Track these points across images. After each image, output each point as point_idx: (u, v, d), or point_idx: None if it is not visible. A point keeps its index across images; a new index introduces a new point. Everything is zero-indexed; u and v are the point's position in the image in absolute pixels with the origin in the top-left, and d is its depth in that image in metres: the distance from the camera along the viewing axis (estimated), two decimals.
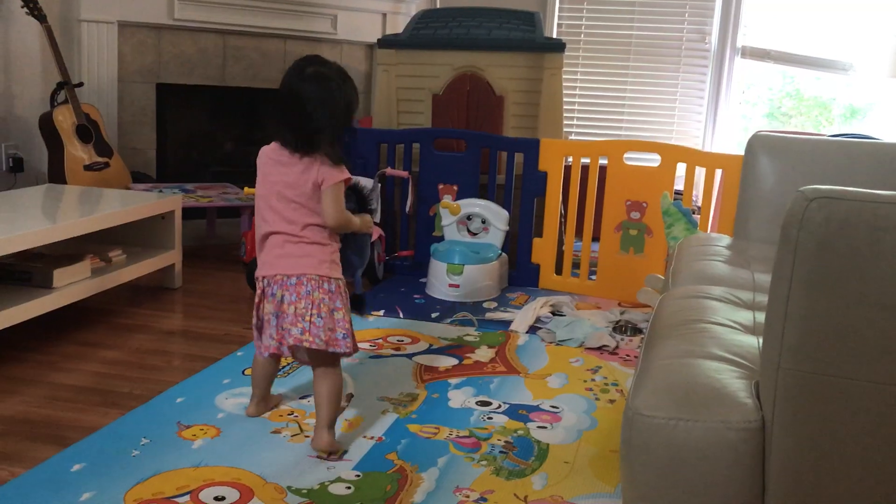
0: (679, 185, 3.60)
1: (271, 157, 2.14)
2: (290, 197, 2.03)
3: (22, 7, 3.69)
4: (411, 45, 3.95)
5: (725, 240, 2.69)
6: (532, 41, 3.86)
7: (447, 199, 3.70)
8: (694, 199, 3.84)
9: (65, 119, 3.74)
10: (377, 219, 3.67)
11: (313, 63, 2.10)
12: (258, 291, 2.05)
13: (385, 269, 3.77)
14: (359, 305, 2.28)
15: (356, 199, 2.17)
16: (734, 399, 1.24)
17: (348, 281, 2.11)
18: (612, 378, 2.60)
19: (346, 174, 2.01)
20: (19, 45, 3.91)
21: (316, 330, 1.95)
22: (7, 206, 2.93)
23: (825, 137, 3.39)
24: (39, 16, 3.71)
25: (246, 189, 3.78)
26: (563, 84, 3.95)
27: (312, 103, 2.01)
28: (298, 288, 1.98)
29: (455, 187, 3.75)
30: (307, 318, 1.96)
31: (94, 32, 4.06)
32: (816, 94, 5.40)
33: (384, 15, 4.94)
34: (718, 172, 3.49)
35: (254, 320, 2.07)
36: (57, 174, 3.73)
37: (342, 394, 2.13)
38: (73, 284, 2.76)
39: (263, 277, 2.05)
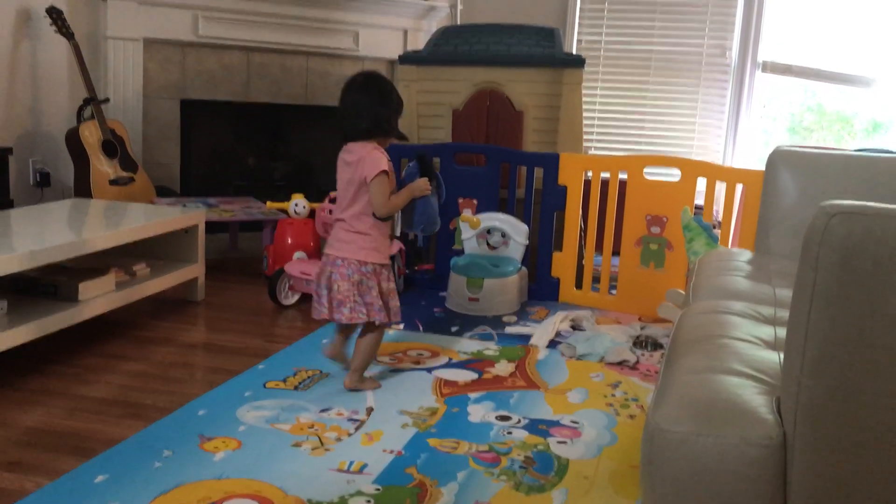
0: (699, 200, 3.59)
1: (341, 157, 2.56)
2: (347, 191, 2.47)
3: (51, 25, 3.76)
4: (432, 61, 3.98)
5: (746, 255, 2.68)
6: (552, 57, 3.88)
7: (467, 213, 3.71)
8: (714, 213, 3.82)
9: (91, 134, 3.80)
10: (397, 232, 3.68)
11: (362, 76, 2.59)
12: (321, 264, 2.50)
13: (405, 282, 3.78)
14: (416, 260, 2.67)
15: (420, 168, 2.58)
16: (755, 415, 1.24)
17: (413, 237, 2.63)
18: (633, 393, 2.59)
19: (383, 166, 2.41)
20: (47, 62, 3.98)
21: (359, 308, 2.42)
22: (34, 220, 2.97)
23: (847, 152, 3.37)
24: (67, 33, 3.78)
25: (268, 203, 3.82)
26: (583, 99, 3.96)
27: (353, 108, 2.53)
28: (342, 269, 2.42)
29: (475, 201, 3.76)
30: (351, 298, 2.41)
31: (120, 49, 4.13)
32: (838, 109, 5.37)
33: (405, 31, 4.98)
34: (739, 187, 3.48)
35: (314, 286, 2.52)
36: (83, 188, 3.78)
37: (375, 351, 2.57)
38: (97, 297, 2.79)
39: (326, 254, 2.48)
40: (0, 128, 3.77)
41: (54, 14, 3.76)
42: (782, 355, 1.25)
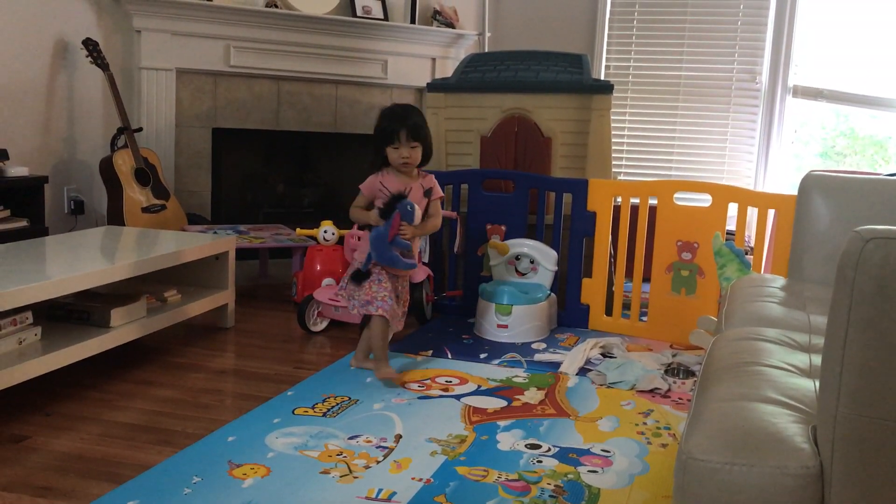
0: (731, 226, 3.55)
1: None
2: None
3: (86, 56, 3.84)
4: (460, 88, 4.00)
5: (780, 281, 2.64)
6: (580, 83, 3.88)
7: (495, 239, 3.71)
8: (746, 239, 3.79)
9: (124, 163, 3.86)
10: (426, 259, 3.69)
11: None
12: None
13: (433, 308, 3.78)
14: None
15: (385, 203, 2.86)
16: (791, 444, 1.21)
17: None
18: (665, 421, 2.55)
19: (363, 186, 2.96)
20: (83, 92, 4.07)
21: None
22: (67, 248, 3.02)
23: (881, 177, 3.33)
24: (102, 64, 3.86)
25: (298, 230, 3.85)
26: (612, 125, 3.95)
27: None
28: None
29: (503, 227, 3.75)
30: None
31: (153, 79, 4.21)
32: (871, 133, 5.31)
33: (433, 59, 5.02)
34: (771, 212, 3.44)
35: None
36: (116, 216, 3.84)
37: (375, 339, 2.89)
38: (129, 323, 2.82)
39: None
40: (36, 156, 3.84)
41: (90, 46, 3.84)
42: (818, 383, 1.22)
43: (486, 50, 5.17)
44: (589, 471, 2.17)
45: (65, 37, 3.94)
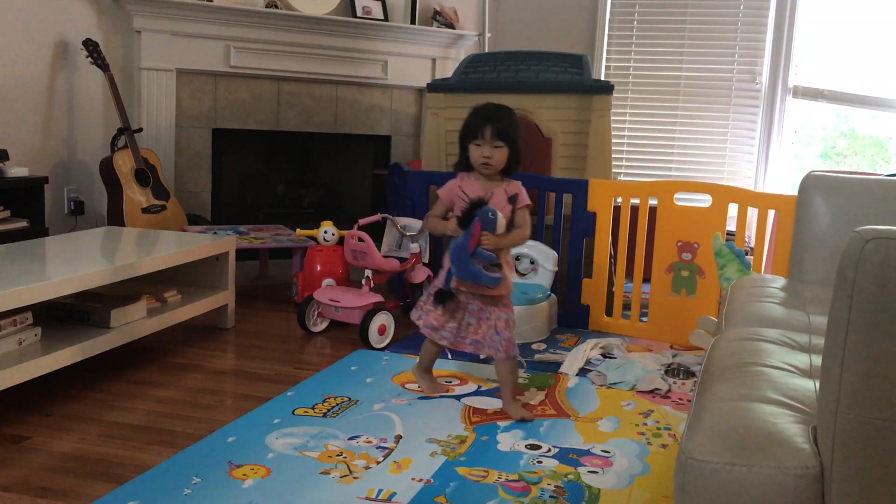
0: (731, 226, 3.55)
1: None
2: None
3: (86, 57, 3.84)
4: (460, 88, 4.00)
5: (780, 281, 2.64)
6: (580, 83, 3.88)
7: None
8: (746, 239, 3.78)
9: (124, 163, 3.86)
10: (426, 259, 3.69)
11: None
12: None
13: None
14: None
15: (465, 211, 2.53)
16: (791, 444, 1.21)
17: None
18: (665, 422, 2.55)
19: (439, 190, 2.67)
20: (83, 92, 4.07)
21: None
22: (67, 248, 3.02)
23: (881, 177, 3.33)
24: (103, 65, 3.86)
25: (298, 231, 3.85)
26: (612, 125, 3.95)
27: None
28: None
29: None
30: None
31: (153, 80, 4.21)
32: (872, 133, 5.30)
33: (433, 60, 5.02)
34: (771, 213, 3.44)
35: None
36: (116, 217, 3.83)
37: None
38: (129, 324, 2.82)
39: None
40: (36, 157, 3.84)
41: (90, 46, 3.84)
42: (818, 383, 1.22)
43: (487, 50, 5.17)
44: (589, 471, 2.17)
45: (65, 37, 3.94)
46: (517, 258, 3.62)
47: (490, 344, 2.60)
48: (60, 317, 2.77)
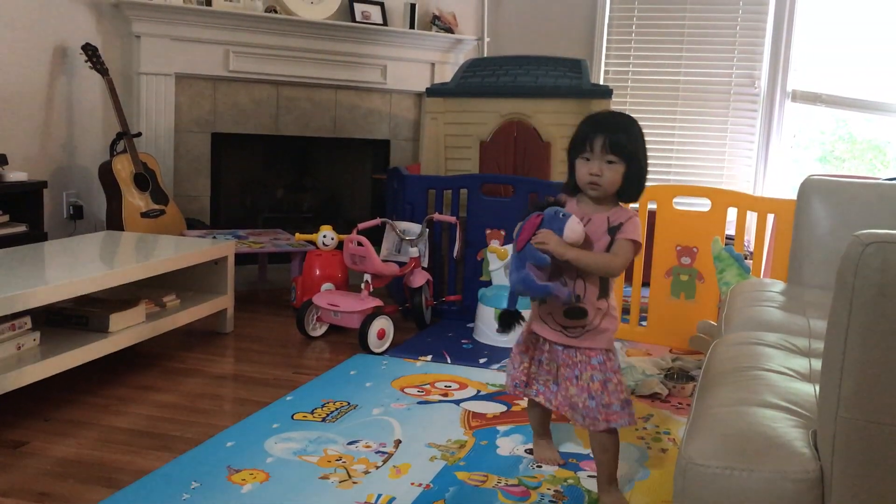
0: (730, 230, 3.55)
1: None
2: None
3: (86, 62, 3.84)
4: (459, 93, 4.00)
5: (779, 285, 2.64)
6: (578, 88, 3.89)
7: (495, 244, 3.70)
8: (746, 244, 3.78)
9: (123, 168, 3.86)
10: (425, 263, 3.69)
11: None
12: None
13: (433, 313, 3.77)
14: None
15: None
16: (791, 448, 1.21)
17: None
18: (665, 426, 2.55)
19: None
20: (82, 97, 4.06)
21: None
22: (66, 253, 3.01)
23: (880, 181, 3.33)
24: (102, 70, 3.86)
25: (297, 235, 3.85)
26: None
27: None
28: None
29: (502, 232, 3.75)
30: None
31: (152, 84, 4.21)
32: (870, 138, 5.31)
33: (433, 64, 5.02)
34: (770, 217, 3.44)
35: None
36: (115, 221, 3.83)
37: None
38: (128, 329, 2.81)
39: None
40: (35, 162, 3.84)
41: (89, 51, 3.84)
42: (818, 387, 1.22)
43: (486, 55, 5.17)
44: (588, 476, 2.16)
45: (64, 42, 3.94)
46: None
47: (584, 412, 1.98)
48: (59, 321, 2.76)
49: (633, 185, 1.97)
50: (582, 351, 2.00)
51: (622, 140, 1.94)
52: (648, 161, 2.02)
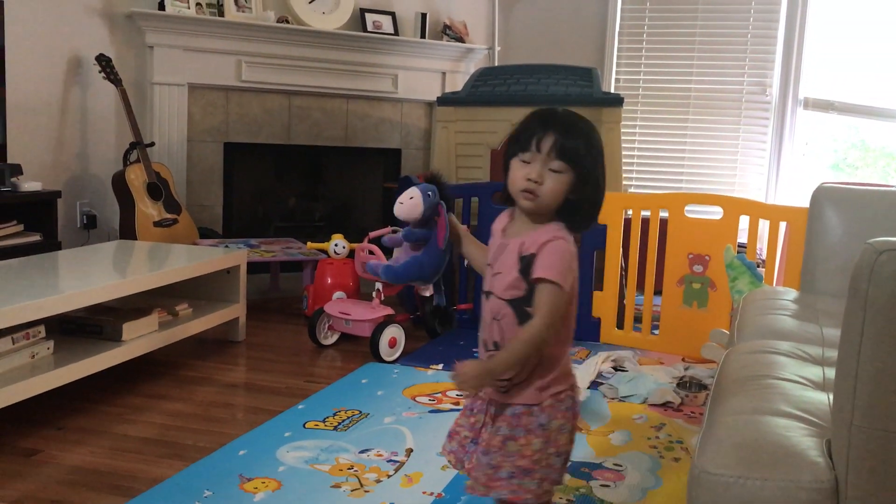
0: (742, 238, 3.54)
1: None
2: None
3: (99, 72, 3.87)
4: (470, 101, 4.01)
5: (792, 293, 2.63)
6: (590, 96, 3.89)
7: None
8: (758, 252, 3.77)
9: (136, 177, 3.88)
10: None
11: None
12: None
13: (448, 319, 3.77)
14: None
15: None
16: (805, 457, 1.20)
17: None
18: (677, 435, 2.54)
19: None
20: (95, 107, 4.09)
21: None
22: (80, 262, 3.03)
23: (893, 188, 3.31)
24: (115, 80, 3.89)
25: (309, 244, 3.86)
26: (622, 138, 3.95)
27: None
28: None
29: None
30: None
31: (165, 95, 4.23)
32: (883, 145, 5.28)
33: (444, 74, 5.04)
34: (783, 225, 3.43)
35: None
36: (128, 230, 3.85)
37: None
38: (141, 337, 2.82)
39: None
40: (49, 171, 3.87)
41: (103, 62, 3.87)
42: (832, 396, 1.21)
43: (496, 64, 5.18)
44: (601, 485, 2.15)
45: (78, 52, 3.98)
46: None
47: (476, 465, 1.55)
48: (73, 330, 2.78)
49: (580, 207, 1.49)
50: (501, 403, 1.55)
51: (578, 146, 1.48)
52: (606, 185, 1.55)
